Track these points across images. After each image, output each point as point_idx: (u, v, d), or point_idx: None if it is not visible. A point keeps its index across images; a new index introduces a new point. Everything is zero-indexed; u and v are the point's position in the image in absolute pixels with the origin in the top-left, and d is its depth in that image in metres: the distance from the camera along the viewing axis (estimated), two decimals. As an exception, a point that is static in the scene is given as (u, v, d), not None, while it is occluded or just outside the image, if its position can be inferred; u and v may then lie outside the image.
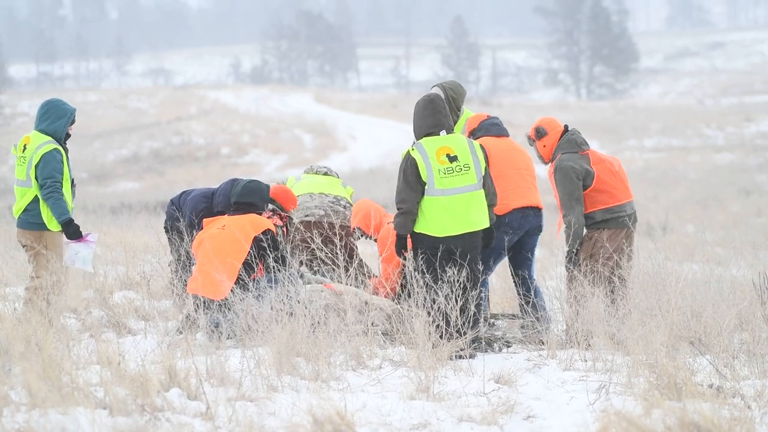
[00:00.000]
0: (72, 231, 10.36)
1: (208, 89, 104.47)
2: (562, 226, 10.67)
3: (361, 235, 11.66)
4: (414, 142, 9.85)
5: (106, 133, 73.59)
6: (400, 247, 9.82)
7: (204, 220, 10.86)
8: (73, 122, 10.59)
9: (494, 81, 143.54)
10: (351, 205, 11.73)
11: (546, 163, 10.97)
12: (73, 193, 10.57)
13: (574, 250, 10.59)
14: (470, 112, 11.18)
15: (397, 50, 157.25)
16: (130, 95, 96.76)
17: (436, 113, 9.85)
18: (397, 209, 9.75)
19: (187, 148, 68.16)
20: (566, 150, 10.76)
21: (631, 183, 11.36)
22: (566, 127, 10.92)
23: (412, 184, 9.66)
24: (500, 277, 12.46)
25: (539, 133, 10.91)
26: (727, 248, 16.53)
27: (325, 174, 11.93)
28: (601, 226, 10.62)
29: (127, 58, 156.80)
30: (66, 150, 10.48)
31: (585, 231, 10.67)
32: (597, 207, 10.63)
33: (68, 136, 10.60)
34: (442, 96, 10.58)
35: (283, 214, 11.19)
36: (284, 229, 11.18)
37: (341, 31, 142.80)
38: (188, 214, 11.33)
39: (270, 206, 11.13)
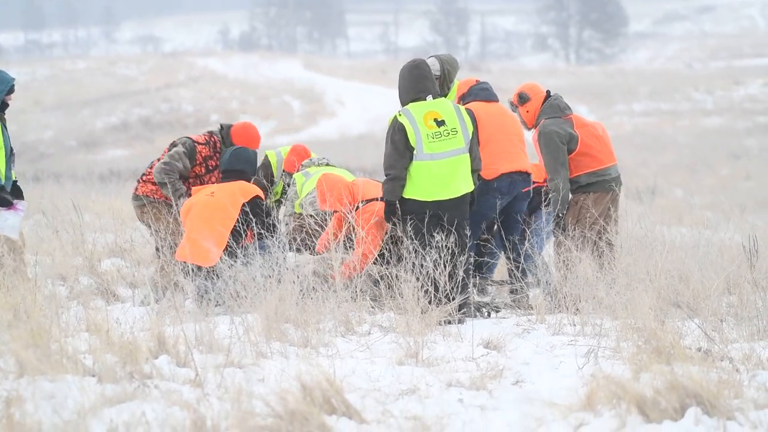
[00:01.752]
0: (1, 199, 10.26)
1: (197, 56, 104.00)
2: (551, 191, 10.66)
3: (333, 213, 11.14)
4: (401, 108, 9.81)
5: (94, 100, 73.27)
6: (390, 213, 9.79)
7: (192, 188, 10.85)
8: (11, 92, 10.43)
9: (483, 46, 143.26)
10: None
11: (529, 129, 10.97)
12: (13, 161, 10.40)
13: (561, 215, 10.60)
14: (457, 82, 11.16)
15: (386, 16, 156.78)
16: (119, 62, 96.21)
17: (422, 78, 9.81)
18: (386, 175, 9.71)
19: (176, 115, 67.93)
20: (549, 115, 10.76)
21: (620, 148, 11.39)
22: (548, 92, 10.92)
23: (400, 149, 9.62)
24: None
25: (522, 99, 10.90)
26: (716, 212, 16.58)
27: (327, 165, 11.78)
28: (587, 190, 10.63)
29: (115, 25, 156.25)
30: (4, 120, 10.33)
31: (570, 195, 10.67)
32: (582, 171, 10.64)
33: (6, 105, 10.43)
34: (438, 66, 10.56)
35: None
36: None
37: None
38: None
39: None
